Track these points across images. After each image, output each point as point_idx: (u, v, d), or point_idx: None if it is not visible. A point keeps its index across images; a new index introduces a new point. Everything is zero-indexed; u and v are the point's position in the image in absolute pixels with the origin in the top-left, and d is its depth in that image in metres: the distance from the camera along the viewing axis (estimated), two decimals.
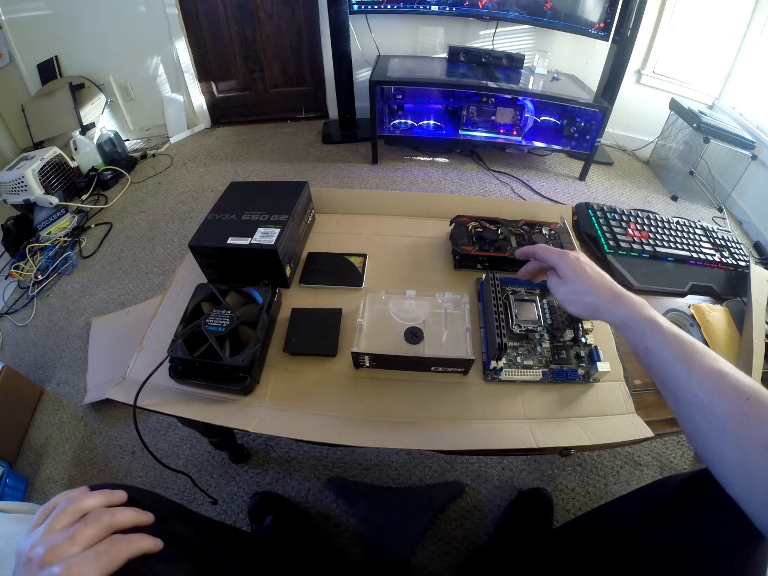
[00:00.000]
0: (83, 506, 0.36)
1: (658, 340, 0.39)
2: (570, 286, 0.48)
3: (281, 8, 2.10)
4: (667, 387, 0.39)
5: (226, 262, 0.65)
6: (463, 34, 2.05)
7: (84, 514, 0.35)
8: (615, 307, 0.44)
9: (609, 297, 0.45)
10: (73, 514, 0.35)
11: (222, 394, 0.55)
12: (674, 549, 0.41)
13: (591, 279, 0.47)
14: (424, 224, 0.80)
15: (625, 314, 0.43)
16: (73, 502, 0.36)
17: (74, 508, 0.35)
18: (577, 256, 0.50)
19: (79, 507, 0.36)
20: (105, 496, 0.38)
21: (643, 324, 0.41)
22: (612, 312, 0.44)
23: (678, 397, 0.37)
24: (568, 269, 0.49)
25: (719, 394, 0.34)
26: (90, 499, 0.37)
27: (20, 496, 0.94)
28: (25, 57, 2.04)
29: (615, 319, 0.44)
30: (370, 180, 1.90)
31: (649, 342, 0.40)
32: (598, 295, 0.45)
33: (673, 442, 1.00)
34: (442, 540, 0.85)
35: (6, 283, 1.48)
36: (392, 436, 0.51)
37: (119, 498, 0.39)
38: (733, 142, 1.65)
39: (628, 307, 0.43)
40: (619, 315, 0.43)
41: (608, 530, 0.54)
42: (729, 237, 0.80)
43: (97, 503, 0.37)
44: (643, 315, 0.41)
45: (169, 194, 1.88)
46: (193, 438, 1.02)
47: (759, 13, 1.70)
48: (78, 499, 0.36)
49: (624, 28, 1.69)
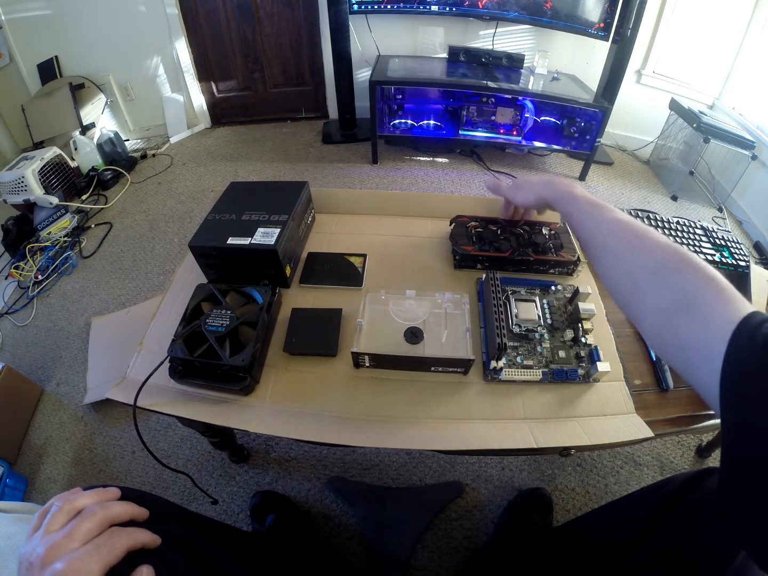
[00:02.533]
0: (77, 505, 0.36)
1: (575, 205, 0.51)
2: (521, 189, 0.64)
3: (281, 8, 2.11)
4: (583, 240, 0.49)
5: (226, 262, 0.65)
6: (463, 34, 2.05)
7: (78, 512, 0.36)
8: (547, 189, 0.57)
9: (544, 183, 0.58)
10: (68, 513, 0.35)
11: (222, 394, 0.55)
12: (675, 550, 0.41)
13: (534, 181, 0.61)
14: (424, 224, 0.80)
15: (554, 192, 0.55)
16: (67, 502, 0.36)
17: (68, 507, 0.36)
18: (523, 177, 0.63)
19: (73, 506, 0.36)
20: (98, 495, 0.38)
21: (566, 195, 0.53)
22: (545, 192, 0.57)
23: (590, 244, 0.47)
24: (521, 181, 0.65)
25: (614, 235, 0.44)
26: (83, 498, 0.37)
27: (20, 496, 0.94)
28: (25, 57, 2.04)
29: (549, 198, 0.56)
30: (370, 180, 1.90)
31: (570, 208, 0.51)
32: (538, 188, 0.59)
33: (673, 442, 1.00)
34: (442, 540, 0.85)
35: (6, 283, 1.48)
36: (392, 436, 0.51)
37: (112, 495, 0.39)
38: (733, 142, 1.65)
39: (555, 186, 0.55)
40: (551, 193, 0.56)
41: (609, 531, 0.54)
42: (729, 237, 0.80)
43: (90, 501, 0.37)
44: (565, 189, 0.53)
45: (169, 194, 1.88)
46: (193, 438, 1.02)
47: (759, 13, 1.70)
48: (71, 499, 0.37)
49: (624, 28, 1.69)
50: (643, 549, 0.44)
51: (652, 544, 0.44)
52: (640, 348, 0.62)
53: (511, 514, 0.85)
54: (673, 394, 0.58)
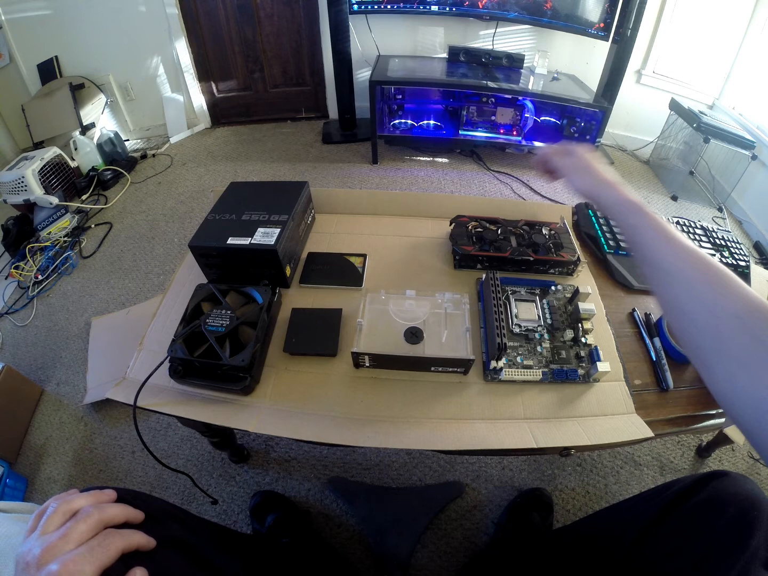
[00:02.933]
0: (73, 506, 0.36)
1: (642, 220, 0.46)
2: (578, 173, 0.58)
3: (281, 8, 2.10)
4: (647, 258, 0.44)
5: (226, 262, 0.65)
6: (463, 34, 2.05)
7: (74, 513, 0.36)
8: (606, 191, 0.52)
9: (604, 184, 0.53)
10: (63, 515, 0.35)
11: (222, 394, 0.55)
12: (677, 554, 0.41)
13: (594, 170, 0.56)
14: (424, 224, 0.80)
15: (615, 198, 0.50)
16: (63, 503, 0.36)
17: (65, 509, 0.36)
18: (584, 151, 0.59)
19: (69, 507, 0.36)
20: (94, 496, 0.38)
21: (630, 207, 0.48)
22: (603, 193, 0.52)
23: (656, 265, 0.42)
24: (580, 162, 0.58)
25: (691, 263, 0.39)
26: (79, 499, 0.37)
27: (20, 496, 0.94)
28: (25, 57, 2.04)
29: (605, 202, 0.52)
30: (370, 180, 1.90)
31: (635, 221, 0.46)
32: (597, 186, 0.54)
33: (673, 442, 1.00)
34: (442, 540, 0.85)
35: (6, 283, 1.48)
36: (392, 436, 0.51)
37: (108, 497, 0.39)
38: (733, 142, 1.65)
39: (616, 193, 0.50)
40: (610, 198, 0.51)
41: (610, 533, 0.54)
42: (729, 237, 0.80)
43: (86, 502, 0.37)
44: (628, 199, 0.49)
45: (169, 194, 1.88)
46: (193, 438, 1.02)
47: (759, 13, 1.70)
48: (68, 500, 0.37)
49: (624, 28, 1.69)
50: (644, 551, 0.44)
51: (654, 547, 0.44)
52: (640, 348, 0.62)
53: (511, 514, 0.85)
54: (673, 394, 0.58)
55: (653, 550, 0.44)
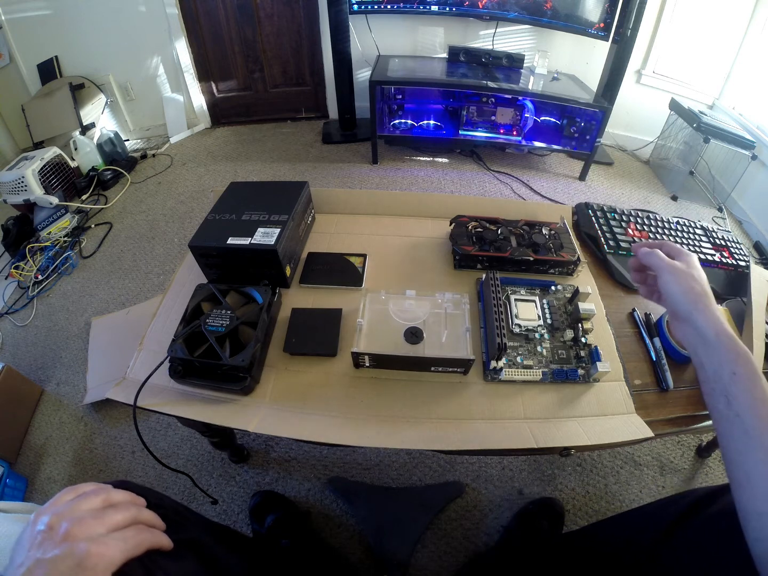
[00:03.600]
0: (113, 498, 0.37)
1: (749, 367, 0.37)
2: (677, 277, 0.45)
3: (281, 8, 2.10)
4: (740, 415, 0.35)
5: (226, 262, 0.65)
6: (463, 34, 2.05)
7: (111, 505, 0.36)
8: (711, 314, 0.41)
9: (710, 301, 0.43)
10: (103, 501, 0.36)
11: (222, 394, 0.55)
12: (689, 567, 0.41)
13: (701, 281, 0.44)
14: (424, 224, 0.80)
15: (719, 328, 0.40)
16: (105, 492, 0.37)
17: (105, 497, 0.36)
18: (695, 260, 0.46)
19: (110, 497, 0.37)
20: (131, 496, 0.39)
21: (735, 345, 0.38)
22: (702, 318, 0.41)
23: (746, 426, 0.35)
24: (686, 262, 0.46)
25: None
26: (119, 494, 0.38)
27: (20, 496, 0.94)
28: (25, 57, 2.04)
29: (706, 326, 0.40)
30: (370, 180, 1.90)
31: (736, 368, 0.37)
32: (696, 296, 0.43)
33: (673, 442, 1.00)
34: (442, 540, 0.85)
35: (6, 283, 1.48)
36: (392, 436, 0.51)
37: (142, 501, 0.40)
38: (733, 142, 1.65)
39: (723, 323, 0.40)
40: (713, 326, 0.40)
41: (621, 543, 0.53)
42: (729, 237, 0.80)
43: (124, 499, 0.38)
44: (734, 335, 0.40)
45: (169, 194, 1.88)
46: (193, 438, 1.02)
47: (759, 13, 1.70)
48: (108, 491, 0.38)
49: (624, 28, 1.69)
50: (656, 563, 0.44)
51: (666, 559, 0.43)
52: (640, 348, 0.62)
53: (520, 520, 0.84)
54: (673, 394, 0.57)
55: (669, 555, 0.43)
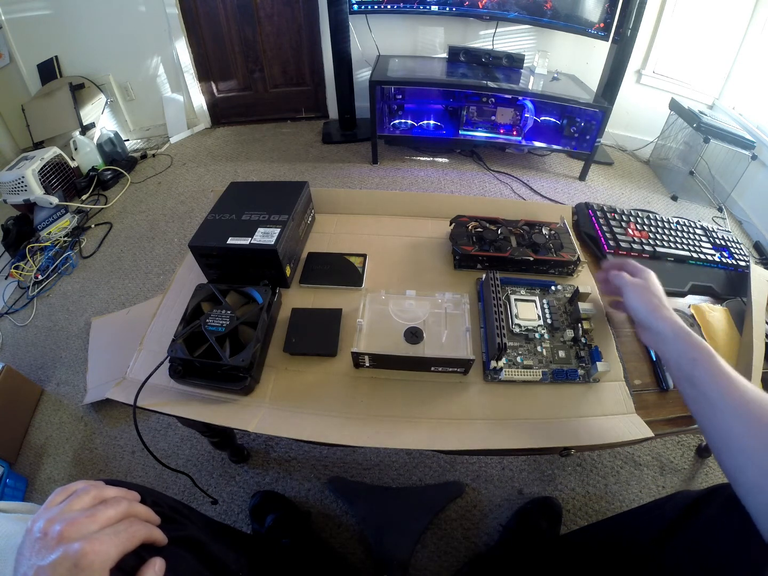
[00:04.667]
0: (105, 494, 0.37)
1: (704, 353, 0.43)
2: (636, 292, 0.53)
3: (281, 8, 2.10)
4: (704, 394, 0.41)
5: (226, 262, 0.65)
6: (463, 34, 2.05)
7: (103, 501, 0.36)
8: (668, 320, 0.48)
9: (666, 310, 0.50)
10: (94, 498, 0.36)
11: (222, 394, 0.55)
12: (689, 566, 0.41)
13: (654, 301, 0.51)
14: (424, 224, 0.80)
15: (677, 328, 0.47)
16: (95, 489, 0.37)
17: (96, 494, 0.36)
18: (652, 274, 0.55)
19: (101, 494, 0.36)
20: (123, 491, 0.39)
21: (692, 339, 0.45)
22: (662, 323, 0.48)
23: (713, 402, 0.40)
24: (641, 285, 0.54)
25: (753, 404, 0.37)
26: (110, 490, 0.38)
27: (20, 496, 0.94)
28: (25, 57, 2.04)
29: (665, 330, 0.47)
30: (370, 180, 1.90)
31: (695, 354, 0.43)
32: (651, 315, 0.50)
33: (673, 442, 1.00)
34: (442, 540, 0.85)
35: (6, 283, 1.48)
36: (392, 436, 0.51)
37: (134, 495, 0.40)
38: (733, 142, 1.65)
39: (679, 324, 0.47)
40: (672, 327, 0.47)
41: (620, 542, 0.53)
42: (729, 237, 0.80)
43: (116, 494, 0.38)
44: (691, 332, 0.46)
45: (169, 194, 1.88)
46: (193, 438, 1.02)
47: (759, 13, 1.70)
48: (99, 487, 0.37)
49: (624, 28, 1.69)
50: (657, 561, 0.44)
51: (667, 557, 0.43)
52: (640, 348, 0.62)
53: (519, 519, 0.85)
54: (673, 394, 0.57)
55: (668, 558, 0.43)
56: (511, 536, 0.82)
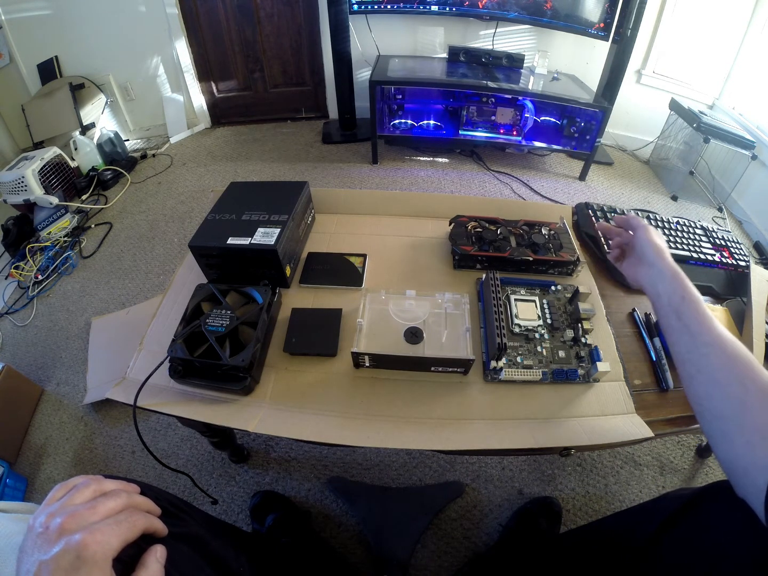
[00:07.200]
0: (105, 487, 0.37)
1: (693, 293, 0.48)
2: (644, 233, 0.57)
3: (281, 8, 2.10)
4: (689, 327, 0.45)
5: (226, 262, 0.65)
6: (463, 34, 2.05)
7: (103, 494, 0.36)
8: (669, 260, 0.53)
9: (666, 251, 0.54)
10: (94, 492, 0.36)
11: (222, 394, 0.56)
12: (685, 562, 0.41)
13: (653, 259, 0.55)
14: (424, 224, 0.80)
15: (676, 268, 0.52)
16: (95, 482, 0.37)
17: (96, 487, 0.36)
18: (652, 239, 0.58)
19: (101, 487, 0.37)
20: (123, 483, 0.39)
21: (684, 280, 0.50)
22: (663, 263, 0.52)
23: (697, 335, 0.44)
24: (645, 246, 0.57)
25: (727, 338, 0.42)
26: (110, 483, 0.38)
27: (20, 496, 0.94)
28: (25, 57, 2.04)
29: (665, 268, 0.52)
30: (370, 180, 1.90)
31: (685, 293, 0.48)
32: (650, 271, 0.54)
33: (673, 442, 1.00)
34: (442, 540, 0.85)
35: (6, 283, 1.48)
36: (392, 436, 0.51)
37: (134, 488, 0.40)
38: (733, 142, 1.65)
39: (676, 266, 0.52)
40: (672, 267, 0.52)
41: (618, 540, 0.53)
42: (729, 237, 0.80)
43: (116, 486, 0.38)
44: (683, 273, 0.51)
45: (169, 194, 1.88)
46: (193, 438, 1.02)
47: (759, 13, 1.70)
48: (99, 480, 0.38)
49: (624, 28, 1.69)
50: (659, 550, 0.44)
51: (662, 554, 0.43)
52: (640, 348, 0.62)
53: (519, 518, 0.85)
54: (673, 394, 0.58)
55: (665, 555, 0.43)
56: (511, 536, 0.82)
